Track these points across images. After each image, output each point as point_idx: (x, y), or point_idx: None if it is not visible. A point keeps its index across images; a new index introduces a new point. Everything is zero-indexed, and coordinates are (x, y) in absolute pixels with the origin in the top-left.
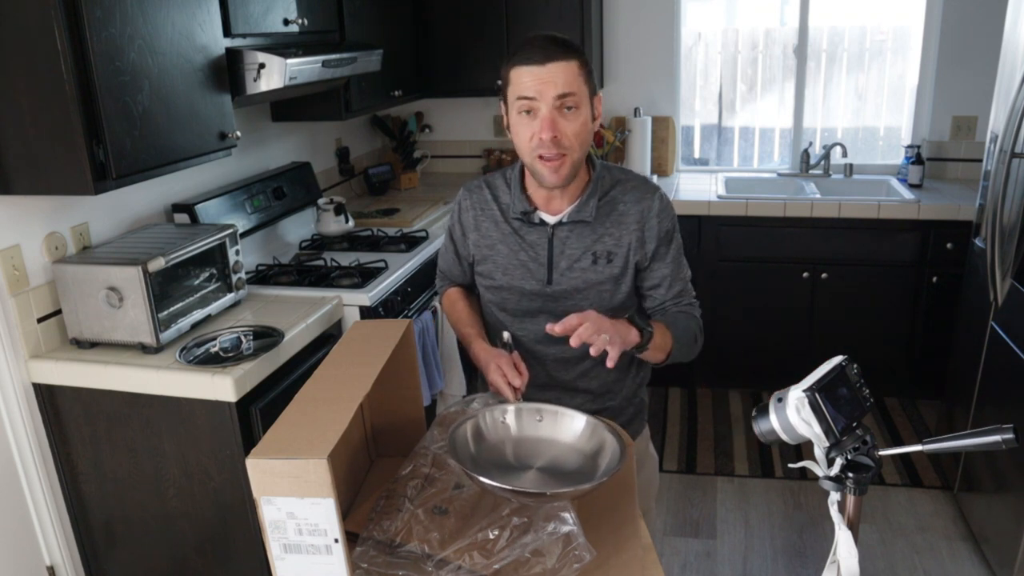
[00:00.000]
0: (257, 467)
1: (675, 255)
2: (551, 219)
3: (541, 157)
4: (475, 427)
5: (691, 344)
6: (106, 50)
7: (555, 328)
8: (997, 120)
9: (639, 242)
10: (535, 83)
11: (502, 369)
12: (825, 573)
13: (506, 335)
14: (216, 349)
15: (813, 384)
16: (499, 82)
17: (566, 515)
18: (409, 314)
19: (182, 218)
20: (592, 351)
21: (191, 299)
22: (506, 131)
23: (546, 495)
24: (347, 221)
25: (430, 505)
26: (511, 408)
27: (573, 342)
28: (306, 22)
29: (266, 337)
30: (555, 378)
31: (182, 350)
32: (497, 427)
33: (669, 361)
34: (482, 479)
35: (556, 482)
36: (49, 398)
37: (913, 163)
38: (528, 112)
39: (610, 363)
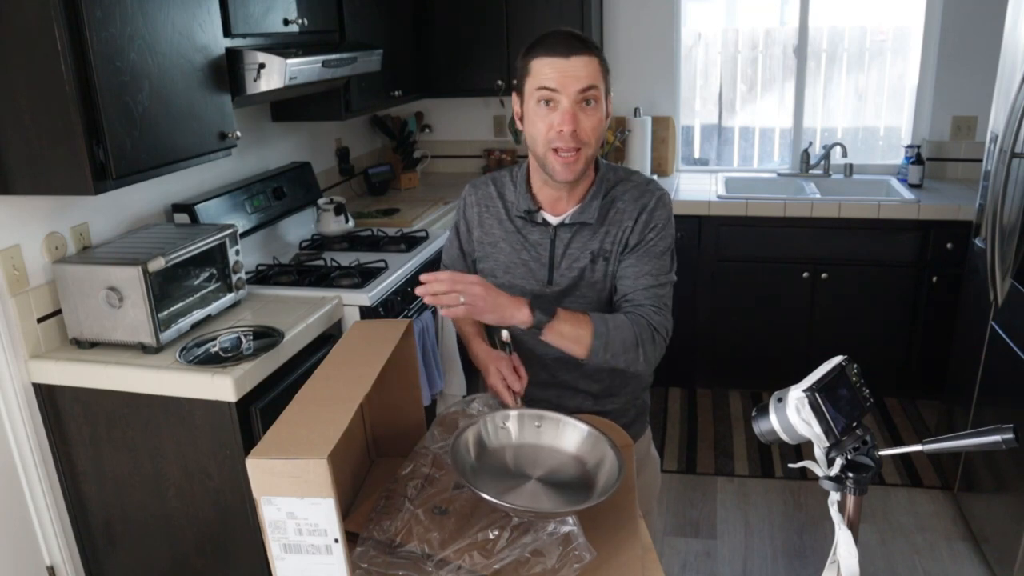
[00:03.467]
0: (257, 467)
1: (654, 252)
2: (554, 220)
3: (556, 150)
4: (476, 434)
5: (630, 347)
6: (106, 50)
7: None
8: (997, 120)
9: (629, 237)
10: (558, 75)
11: (501, 373)
12: (825, 573)
13: (505, 334)
14: (216, 349)
15: (813, 384)
16: (499, 82)
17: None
18: (409, 314)
19: (182, 218)
20: (442, 310)
21: (191, 299)
22: (517, 123)
23: (544, 513)
24: (347, 221)
25: (430, 505)
26: (512, 414)
27: (419, 290)
28: (306, 22)
29: (266, 337)
30: (555, 378)
31: (182, 350)
32: (498, 433)
33: (598, 360)
34: (483, 495)
35: (554, 493)
36: (49, 398)
37: (913, 163)
38: (548, 103)
39: (443, 311)
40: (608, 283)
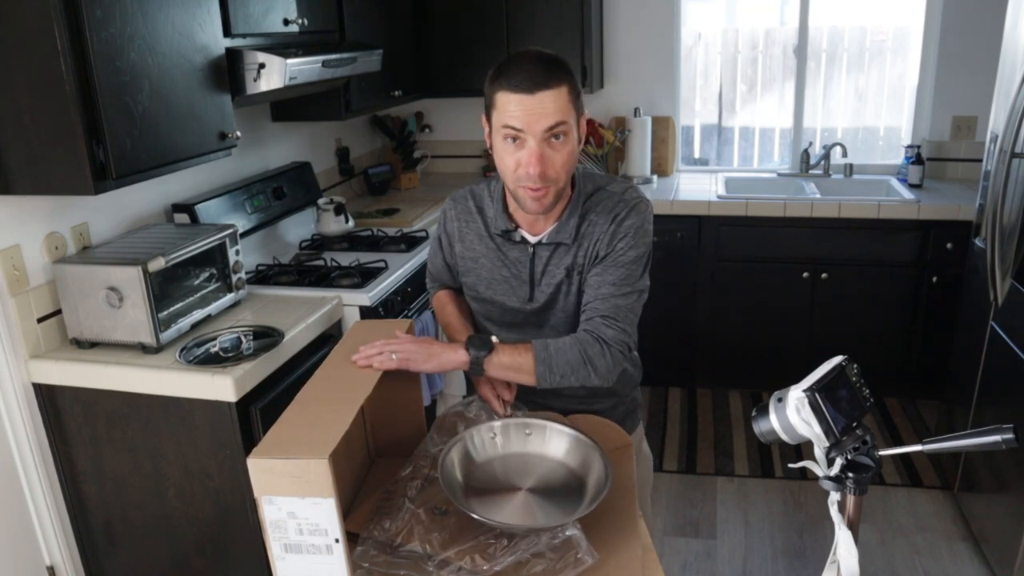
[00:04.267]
0: (258, 467)
1: (621, 261)
2: (532, 239)
3: (526, 187)
4: (463, 449)
5: (577, 368)
6: (106, 50)
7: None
8: (997, 120)
9: (599, 249)
10: (523, 114)
11: (491, 382)
12: (825, 573)
13: (494, 340)
14: (216, 349)
15: (813, 384)
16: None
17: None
18: (409, 314)
19: (182, 218)
20: (375, 364)
21: (191, 299)
22: (488, 149)
23: (536, 528)
24: (347, 221)
25: (431, 505)
26: (499, 424)
27: (354, 357)
28: (306, 22)
29: (266, 337)
30: None
31: (182, 350)
32: (486, 445)
33: (547, 384)
34: (474, 515)
35: (546, 503)
36: (49, 398)
37: (913, 163)
38: (514, 140)
39: (377, 364)
40: (581, 298)
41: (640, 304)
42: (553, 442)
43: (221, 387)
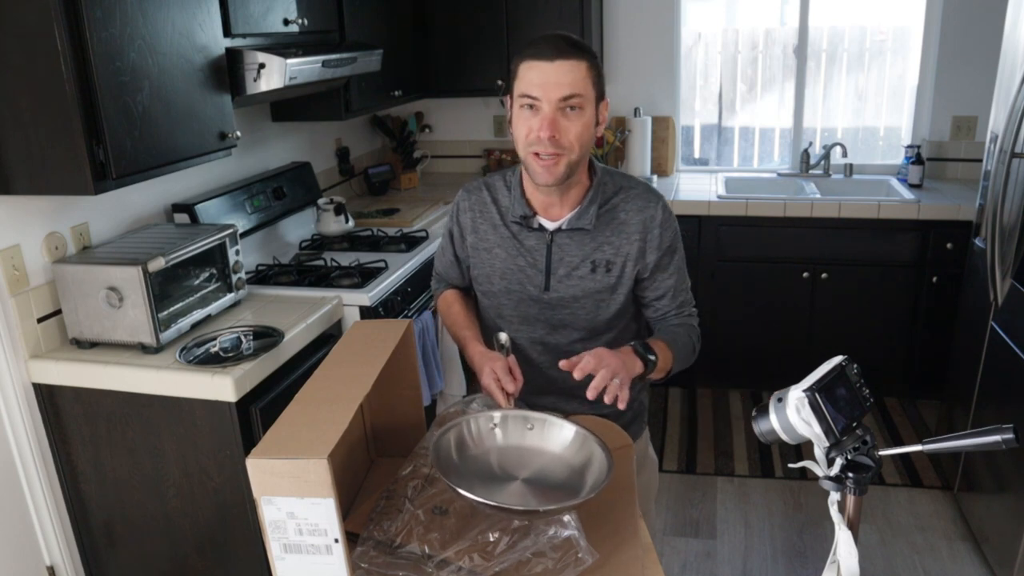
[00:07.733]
0: (257, 467)
1: (678, 265)
2: (550, 225)
3: (536, 154)
4: (459, 435)
5: (689, 355)
6: (106, 50)
7: (569, 368)
8: (997, 120)
9: (640, 252)
10: (540, 80)
11: (496, 373)
12: (825, 573)
13: (503, 336)
14: (216, 349)
15: (813, 384)
16: (499, 82)
17: (567, 519)
18: (409, 314)
19: (182, 218)
20: (606, 398)
21: (191, 299)
22: (508, 124)
23: (526, 511)
24: (347, 221)
25: (430, 505)
26: (498, 415)
27: (587, 385)
28: (306, 22)
29: (266, 337)
30: (551, 384)
31: (182, 350)
32: (483, 435)
33: (668, 377)
34: (463, 492)
35: (541, 494)
36: (49, 398)
37: (913, 163)
38: (531, 107)
39: (621, 405)
40: (608, 294)
41: None
42: (553, 436)
43: (221, 387)
